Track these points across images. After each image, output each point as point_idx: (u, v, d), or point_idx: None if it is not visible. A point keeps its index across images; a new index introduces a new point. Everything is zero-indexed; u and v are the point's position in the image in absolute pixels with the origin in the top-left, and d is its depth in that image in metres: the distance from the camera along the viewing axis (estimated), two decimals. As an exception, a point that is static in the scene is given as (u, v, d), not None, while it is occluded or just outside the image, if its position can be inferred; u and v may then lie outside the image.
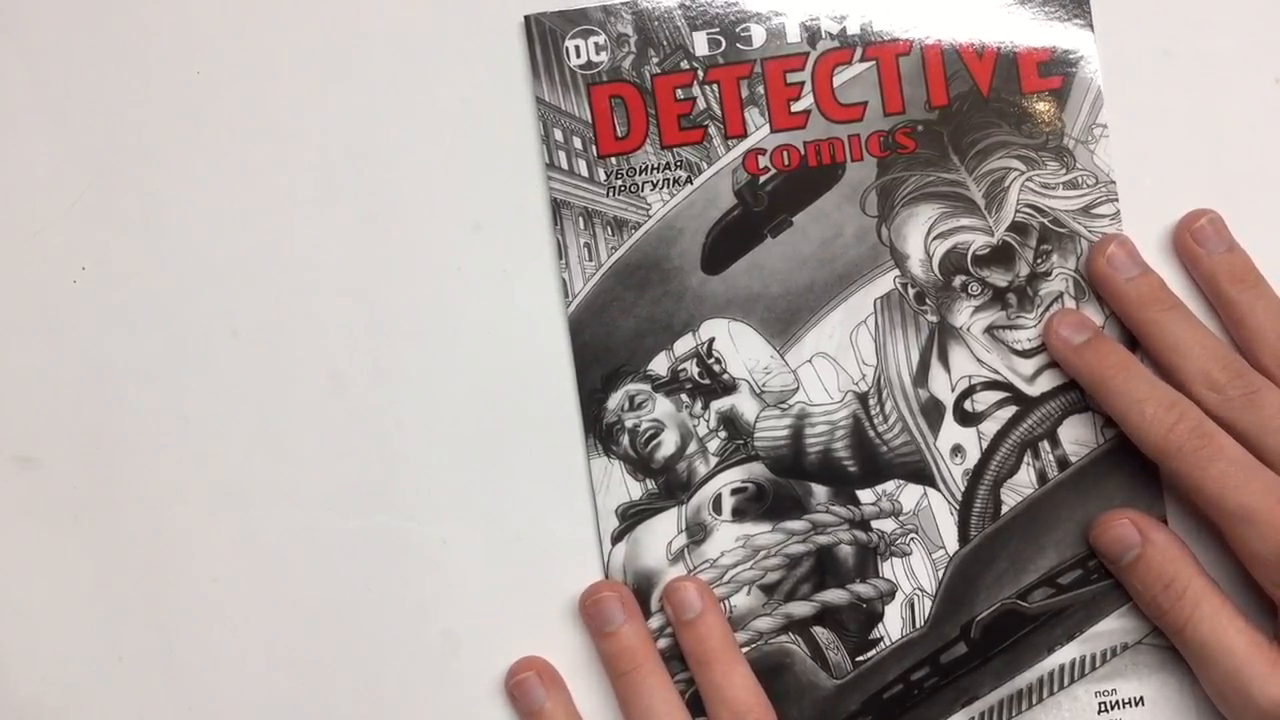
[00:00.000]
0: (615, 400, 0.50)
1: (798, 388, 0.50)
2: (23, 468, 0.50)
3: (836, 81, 0.50)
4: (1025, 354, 0.50)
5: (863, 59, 0.49)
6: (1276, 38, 0.50)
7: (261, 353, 0.50)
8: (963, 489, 0.49)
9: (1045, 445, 0.49)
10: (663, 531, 0.50)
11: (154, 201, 0.50)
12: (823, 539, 0.50)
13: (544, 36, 0.50)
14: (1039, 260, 0.50)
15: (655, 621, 0.50)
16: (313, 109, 0.50)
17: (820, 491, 0.50)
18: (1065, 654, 0.49)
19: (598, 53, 0.50)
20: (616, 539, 0.50)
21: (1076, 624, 0.49)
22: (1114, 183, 0.49)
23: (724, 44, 0.49)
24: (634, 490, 0.50)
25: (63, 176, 0.50)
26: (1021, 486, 0.49)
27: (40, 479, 0.50)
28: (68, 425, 0.50)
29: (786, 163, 0.50)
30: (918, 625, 0.49)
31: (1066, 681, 0.49)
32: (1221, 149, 0.50)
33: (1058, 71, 0.49)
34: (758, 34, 0.49)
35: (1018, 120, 0.49)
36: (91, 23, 0.50)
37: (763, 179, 0.50)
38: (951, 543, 0.49)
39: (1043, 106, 0.49)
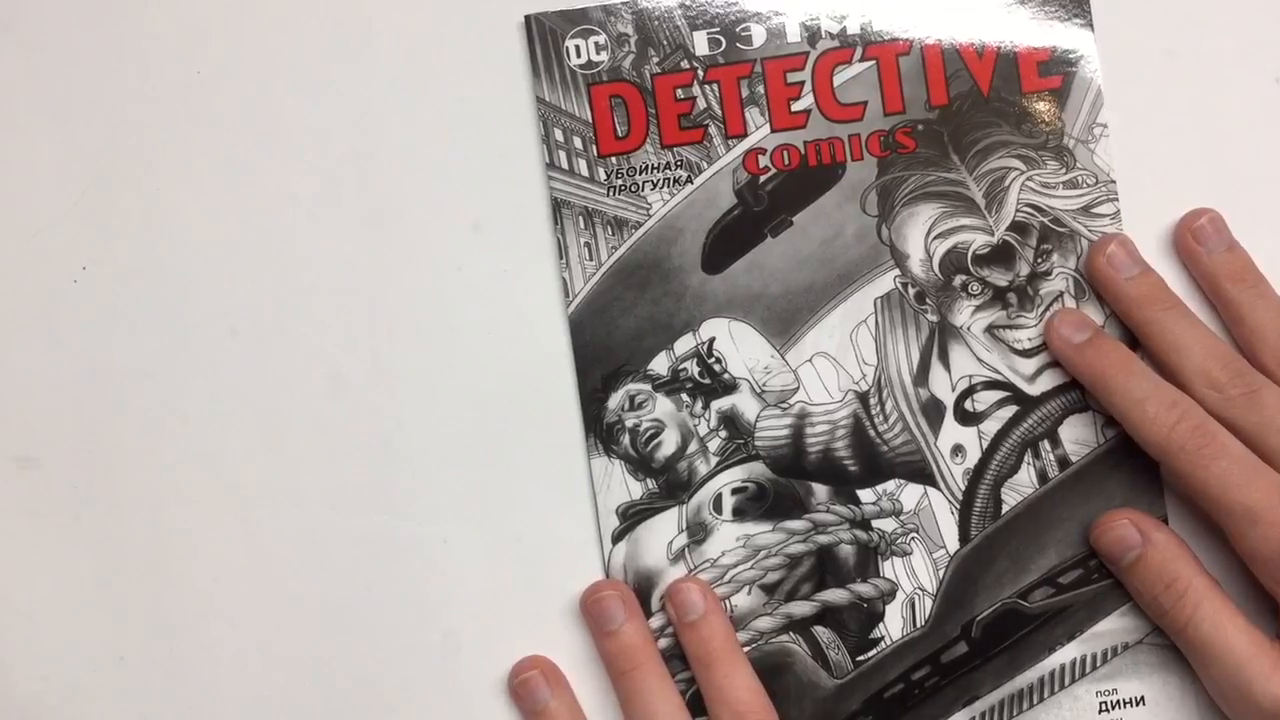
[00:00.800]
0: (616, 400, 0.50)
1: (798, 387, 0.50)
2: (23, 468, 0.50)
3: (836, 81, 0.49)
4: (1026, 353, 0.50)
5: (863, 59, 0.49)
6: (1276, 38, 0.50)
7: (261, 353, 0.50)
8: (963, 488, 0.49)
9: (1046, 445, 0.49)
10: (663, 531, 0.50)
11: (154, 201, 0.50)
12: (823, 538, 0.50)
13: (544, 36, 0.49)
14: (1039, 259, 0.49)
15: (656, 621, 0.50)
16: (313, 109, 0.50)
17: (821, 491, 0.50)
18: (1066, 653, 0.49)
19: (598, 52, 0.50)
20: (617, 538, 0.50)
21: (1077, 623, 0.49)
22: (1114, 182, 0.49)
23: (724, 44, 0.49)
24: (634, 490, 0.50)
25: (63, 176, 0.50)
26: (1022, 486, 0.49)
27: (40, 479, 0.50)
28: (68, 425, 0.50)
29: (787, 162, 0.50)
30: (918, 625, 0.49)
31: (1067, 681, 0.49)
32: (1221, 149, 0.50)
33: (1057, 71, 0.49)
34: (758, 34, 0.49)
35: (1018, 120, 0.49)
36: (92, 22, 0.50)
37: (763, 178, 0.50)
38: (952, 542, 0.49)
39: (1043, 106, 0.49)
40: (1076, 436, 0.49)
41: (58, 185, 0.50)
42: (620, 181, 0.50)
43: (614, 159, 0.50)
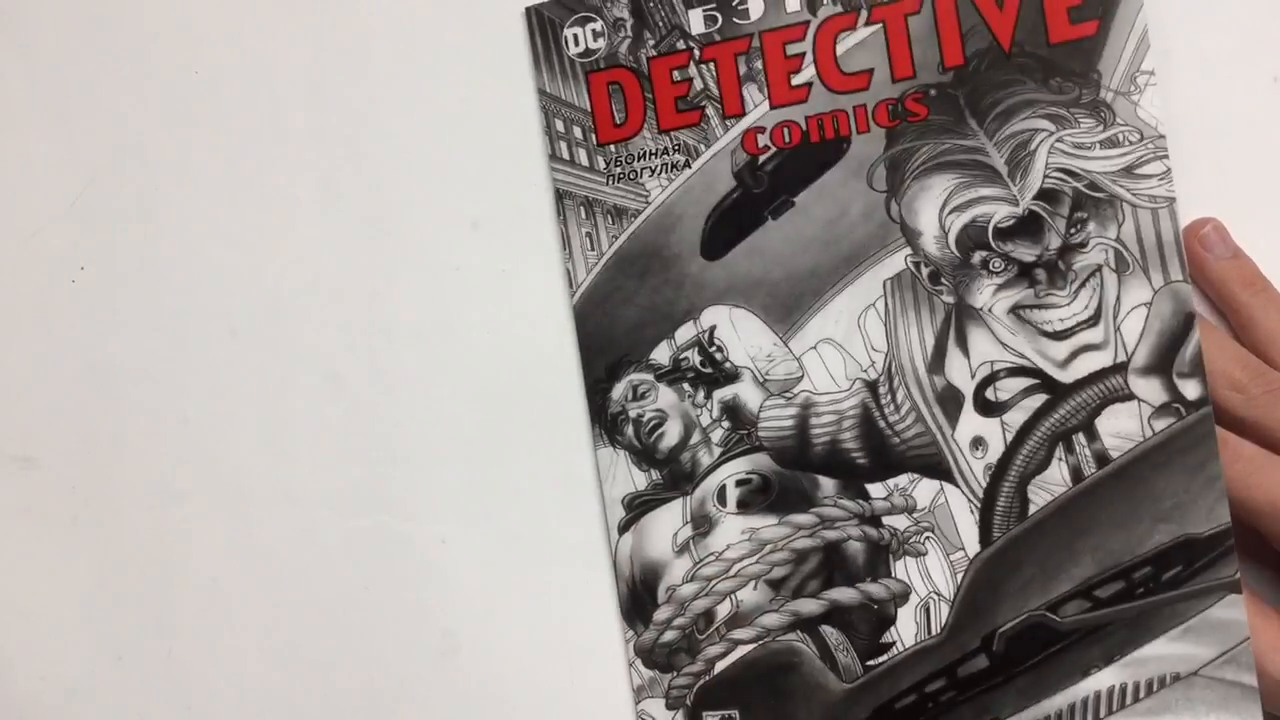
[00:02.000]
0: (619, 390, 0.48)
1: (802, 376, 0.47)
2: (23, 468, 0.52)
3: (840, 49, 0.46)
4: (1058, 336, 0.45)
5: (868, 22, 0.46)
6: (1277, 37, 0.44)
7: (261, 353, 0.50)
8: (984, 485, 0.45)
9: (1080, 438, 0.44)
10: (668, 522, 0.48)
11: (154, 201, 0.51)
12: (831, 534, 0.46)
13: (544, 27, 0.49)
14: (1072, 230, 0.44)
15: (661, 614, 0.47)
16: (313, 105, 0.50)
17: (828, 484, 0.46)
18: (1102, 679, 0.44)
19: (595, 39, 0.48)
20: (623, 529, 0.48)
21: (1117, 645, 0.44)
22: (1163, 137, 0.44)
23: (720, 20, 0.47)
24: (639, 480, 0.48)
25: (63, 176, 0.51)
26: (1052, 484, 0.44)
27: (40, 479, 0.51)
28: (68, 425, 0.51)
29: (787, 140, 0.47)
30: (933, 632, 0.45)
31: (1103, 712, 0.44)
32: (1222, 149, 0.45)
33: (1092, 15, 0.44)
34: (755, 6, 0.47)
35: (1045, 75, 0.45)
36: (91, 23, 0.51)
37: (762, 158, 0.47)
38: (972, 544, 0.45)
39: (1074, 57, 0.44)
40: (1118, 429, 0.44)
41: (57, 185, 0.51)
42: (619, 169, 0.48)
43: (612, 147, 0.48)
